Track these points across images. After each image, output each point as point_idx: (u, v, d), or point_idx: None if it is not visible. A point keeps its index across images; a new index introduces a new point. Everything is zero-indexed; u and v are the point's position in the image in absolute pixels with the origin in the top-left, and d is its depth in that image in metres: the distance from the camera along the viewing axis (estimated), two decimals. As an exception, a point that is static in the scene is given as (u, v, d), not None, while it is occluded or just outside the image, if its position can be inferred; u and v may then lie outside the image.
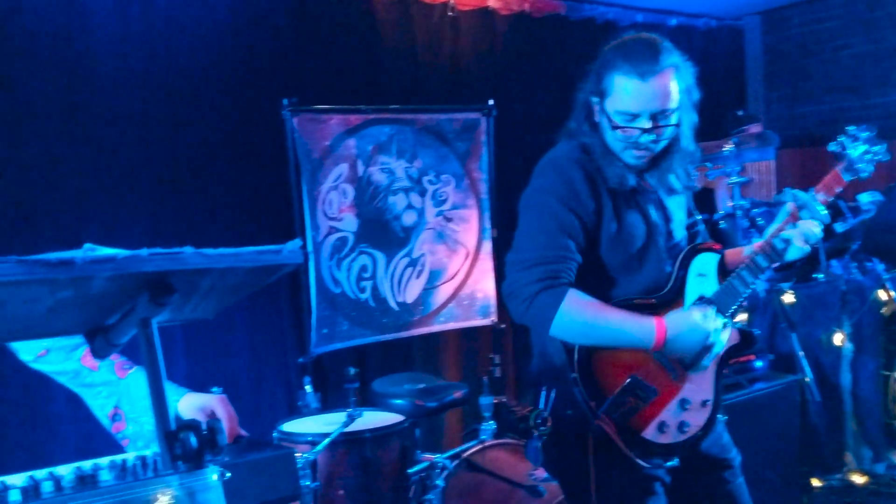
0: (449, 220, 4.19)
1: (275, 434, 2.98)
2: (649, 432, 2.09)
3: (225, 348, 3.96)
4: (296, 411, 3.55)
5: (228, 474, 1.26)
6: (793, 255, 2.14)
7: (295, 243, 1.26)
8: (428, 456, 2.74)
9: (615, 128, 2.08)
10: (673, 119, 2.10)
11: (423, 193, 4.11)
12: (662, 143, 2.13)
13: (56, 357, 1.76)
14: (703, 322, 2.06)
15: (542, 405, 2.11)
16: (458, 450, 3.00)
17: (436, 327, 4.21)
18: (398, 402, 3.48)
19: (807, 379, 3.94)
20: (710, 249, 2.23)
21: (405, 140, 4.06)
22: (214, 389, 2.87)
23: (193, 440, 1.23)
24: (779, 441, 3.75)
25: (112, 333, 1.33)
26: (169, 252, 1.15)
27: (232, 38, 3.95)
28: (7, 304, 1.15)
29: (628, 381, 2.08)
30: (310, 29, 4.18)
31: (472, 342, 4.65)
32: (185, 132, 3.81)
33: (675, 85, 2.08)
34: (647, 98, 2.05)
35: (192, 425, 1.24)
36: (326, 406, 3.58)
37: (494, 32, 4.90)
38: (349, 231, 3.93)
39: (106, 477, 1.33)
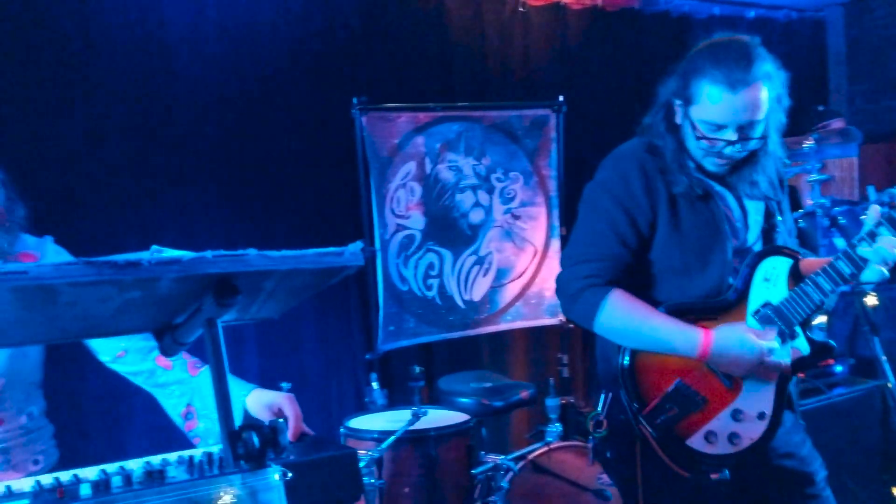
0: (517, 217, 4.16)
1: (341, 430, 3.01)
2: (695, 441, 2.02)
3: (295, 344, 4.02)
4: (363, 408, 3.58)
5: (290, 474, 1.27)
6: (869, 276, 1.99)
7: (356, 245, 1.26)
8: (492, 457, 2.72)
9: (700, 138, 2.02)
10: (759, 130, 2.02)
11: (490, 191, 4.09)
12: (746, 153, 2.06)
13: (133, 358, 1.82)
14: (755, 338, 1.97)
15: (599, 408, 2.09)
16: (523, 451, 2.97)
17: (502, 326, 4.19)
18: (464, 400, 3.48)
19: (889, 384, 3.76)
20: (780, 253, 2.11)
21: (474, 137, 4.04)
22: (283, 385, 2.94)
23: (256, 440, 1.24)
24: (859, 449, 3.60)
25: (179, 332, 1.36)
26: (233, 254, 1.17)
27: (305, 39, 4.00)
28: (78, 304, 1.18)
29: (673, 387, 2.01)
30: (381, 29, 4.20)
31: (541, 341, 4.60)
32: (257, 133, 3.88)
33: (765, 95, 1.98)
34: (735, 111, 1.97)
35: (254, 425, 1.25)
36: (393, 403, 3.60)
37: (566, 27, 4.84)
38: (416, 229, 3.94)
39: (173, 473, 1.36)
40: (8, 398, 1.76)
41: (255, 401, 1.75)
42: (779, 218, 2.22)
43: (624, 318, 2.00)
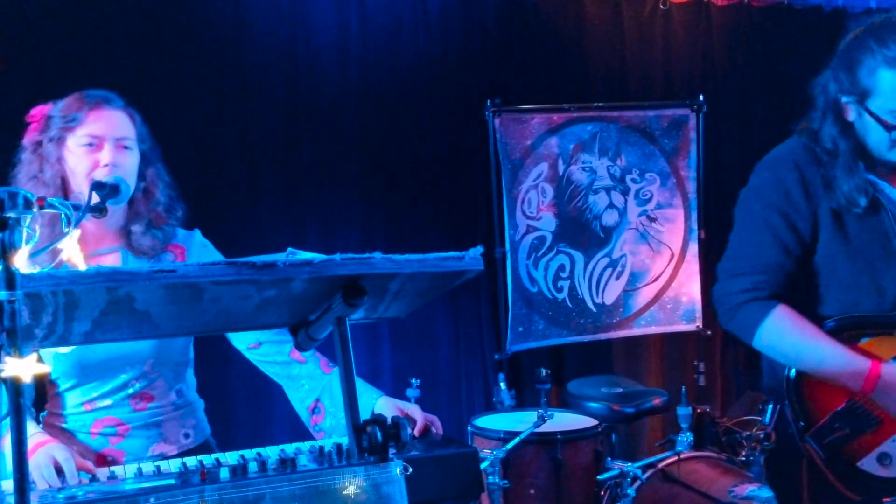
0: (653, 219, 4.07)
1: (469, 428, 3.06)
2: (866, 463, 1.90)
3: (428, 342, 4.11)
4: (491, 407, 3.62)
5: (410, 469, 1.32)
6: None
7: (476, 250, 1.30)
8: (619, 463, 2.69)
9: (892, 128, 1.89)
10: None
11: (625, 192, 4.02)
12: None
13: (268, 350, 1.93)
14: None
15: (767, 419, 2.01)
16: (651, 460, 2.91)
17: (636, 331, 4.11)
18: (594, 405, 3.44)
19: None
20: None
21: (608, 138, 3.99)
22: (413, 381, 3.02)
23: (379, 434, 1.29)
24: None
25: (312, 329, 1.44)
26: (360, 257, 1.23)
27: (443, 43, 4.09)
28: (221, 300, 1.28)
29: (844, 405, 1.89)
30: (518, 31, 4.23)
31: (676, 348, 4.48)
32: (394, 135, 4.00)
33: None
34: None
35: (378, 420, 1.31)
36: (521, 404, 3.62)
37: (710, 24, 4.68)
38: (547, 230, 3.93)
39: (304, 461, 1.44)
40: (158, 377, 1.89)
41: (384, 405, 1.82)
42: None
43: (787, 337, 1.91)
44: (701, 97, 4.11)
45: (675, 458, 2.77)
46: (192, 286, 1.16)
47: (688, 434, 2.64)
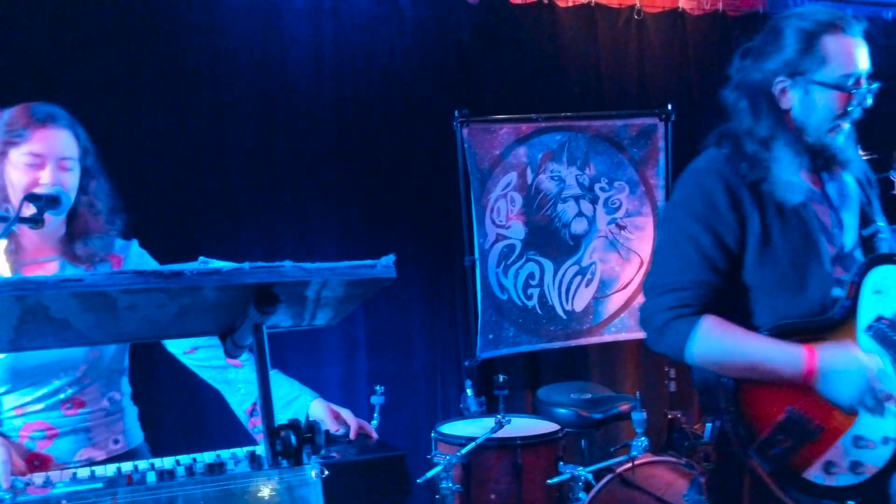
0: (622, 227, 4.11)
1: (432, 434, 3.09)
2: (813, 473, 1.84)
3: (404, 348, 4.14)
4: (459, 414, 3.65)
5: (326, 472, 1.35)
6: None
7: (389, 259, 1.32)
8: (570, 468, 2.71)
9: (845, 90, 1.88)
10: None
11: (594, 201, 4.06)
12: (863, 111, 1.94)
13: (204, 354, 1.96)
14: (867, 359, 1.81)
15: (707, 438, 1.95)
16: (603, 464, 2.94)
17: (606, 337, 4.15)
18: (562, 411, 3.48)
19: None
20: (890, 261, 1.93)
21: (577, 147, 4.03)
22: (378, 388, 3.05)
23: (293, 438, 1.32)
24: None
25: (237, 336, 1.47)
26: (269, 265, 1.26)
27: (417, 55, 4.13)
28: (138, 308, 1.31)
29: (784, 416, 1.84)
30: (492, 41, 4.27)
31: (651, 355, 4.48)
32: (367, 144, 4.03)
33: None
34: (861, 54, 1.88)
35: (293, 424, 1.34)
36: (492, 411, 3.64)
37: (684, 34, 4.72)
38: (517, 238, 3.97)
39: (234, 466, 1.48)
40: (90, 383, 1.92)
41: (318, 408, 1.85)
42: (880, 223, 2.05)
43: (718, 345, 1.85)
44: (669, 106, 4.15)
45: (630, 462, 2.80)
46: (101, 295, 1.20)
47: (642, 439, 2.66)
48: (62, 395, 1.89)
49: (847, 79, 1.88)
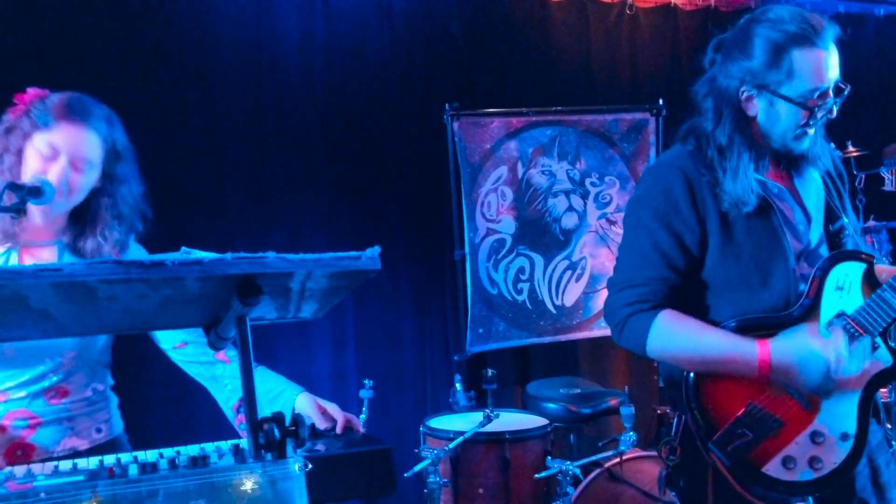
0: (612, 222, 4.10)
1: (421, 428, 3.08)
2: (771, 468, 1.86)
3: (394, 342, 4.13)
4: (448, 408, 3.64)
5: (310, 466, 1.34)
6: None
7: (374, 250, 1.31)
8: (558, 463, 2.71)
9: (811, 106, 1.86)
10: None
11: (585, 196, 4.06)
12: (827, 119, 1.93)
13: (194, 350, 1.94)
14: (822, 348, 1.81)
15: (673, 432, 1.96)
16: (590, 459, 2.94)
17: (596, 332, 4.14)
18: (551, 405, 3.47)
19: None
20: (852, 258, 1.91)
21: (568, 142, 4.02)
22: (367, 382, 3.04)
23: (276, 431, 1.31)
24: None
25: (220, 328, 1.45)
26: (252, 256, 1.24)
27: (407, 48, 4.11)
28: (119, 299, 1.29)
29: (744, 410, 1.85)
30: (483, 35, 4.25)
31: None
32: (360, 140, 4.02)
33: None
34: (828, 66, 1.86)
35: (276, 417, 1.32)
36: (481, 405, 3.63)
37: (676, 29, 4.71)
38: (507, 233, 3.96)
39: (217, 459, 1.46)
40: (75, 373, 1.91)
41: (303, 402, 1.83)
42: (845, 219, 2.04)
43: (674, 339, 1.86)
44: (661, 101, 4.14)
45: (618, 457, 2.80)
46: (80, 285, 1.18)
47: (630, 434, 2.66)
48: (46, 383, 1.87)
49: (813, 93, 1.87)
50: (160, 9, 3.69)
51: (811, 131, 1.93)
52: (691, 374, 1.89)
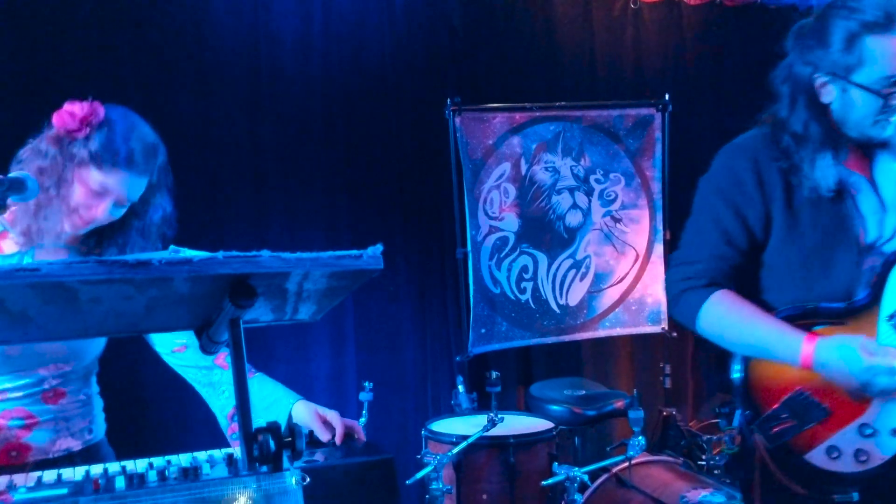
0: (617, 220, 4.02)
1: (423, 432, 2.99)
2: (815, 456, 1.82)
3: (394, 343, 4.05)
4: (450, 410, 3.56)
5: (308, 479, 1.25)
6: None
7: (376, 248, 1.23)
8: (565, 469, 2.63)
9: (885, 94, 1.82)
10: None
11: (589, 193, 3.97)
12: None
13: (193, 355, 1.87)
14: (868, 355, 1.75)
15: (735, 423, 1.96)
16: (599, 465, 2.85)
17: (601, 332, 4.06)
18: (555, 408, 3.40)
19: None
20: None
21: (572, 138, 3.93)
22: (367, 384, 2.96)
23: (272, 442, 1.23)
24: None
25: (212, 331, 1.37)
26: (245, 255, 1.16)
27: (408, 41, 4.03)
28: (103, 301, 1.21)
29: (791, 395, 1.83)
30: (485, 28, 4.18)
31: (645, 350, 4.43)
32: (359, 135, 3.94)
33: None
34: None
35: (271, 428, 1.24)
36: (484, 407, 3.55)
37: (681, 23, 4.64)
38: (510, 231, 3.87)
39: (210, 470, 1.38)
40: (74, 377, 1.89)
41: (301, 410, 1.75)
42: None
43: (724, 320, 1.87)
44: (667, 96, 4.06)
45: (626, 462, 2.71)
46: (59, 286, 1.09)
47: (640, 438, 2.58)
48: (46, 386, 1.85)
49: (887, 80, 1.83)
50: (153, 5, 3.61)
51: (894, 118, 1.86)
52: (739, 360, 1.88)
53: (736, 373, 1.89)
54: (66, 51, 3.39)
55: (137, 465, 1.57)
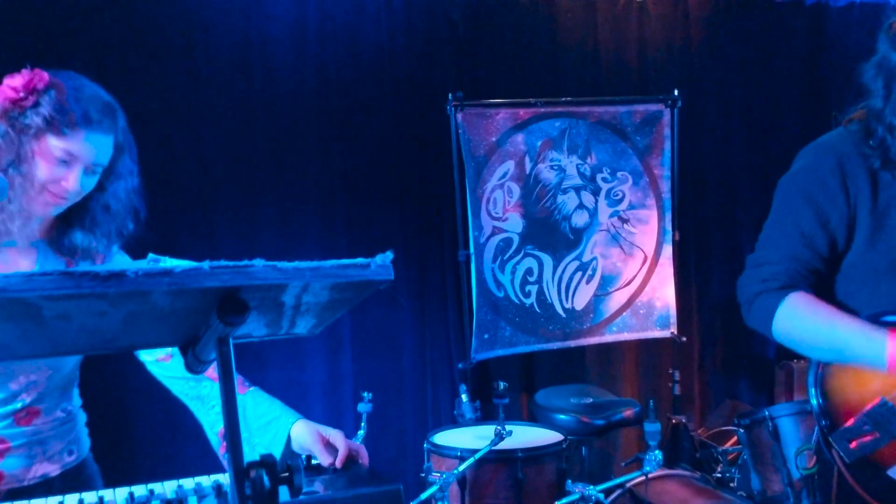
0: (625, 221, 3.87)
1: (425, 445, 2.84)
2: None
3: (393, 350, 3.93)
4: (453, 421, 3.41)
5: (307, 520, 1.10)
6: None
7: (385, 257, 1.07)
8: (580, 487, 2.48)
9: None
10: None
11: (596, 192, 3.82)
12: None
13: (179, 364, 1.71)
14: None
15: (812, 441, 1.87)
16: (615, 481, 2.71)
17: (608, 337, 3.91)
18: (562, 417, 3.27)
19: None
20: None
21: (578, 135, 3.79)
22: (365, 394, 2.81)
23: (266, 480, 1.07)
24: None
25: (198, 349, 1.22)
26: (234, 265, 1.00)
27: (407, 36, 3.91)
28: (72, 318, 1.05)
29: (874, 406, 1.71)
30: (487, 23, 4.05)
31: (652, 355, 4.29)
32: (356, 134, 3.82)
33: None
34: None
35: (266, 462, 1.09)
36: (488, 417, 3.41)
37: (686, 18, 4.51)
38: (514, 232, 3.73)
39: (193, 502, 1.23)
40: (48, 393, 1.74)
41: (301, 431, 1.59)
42: None
43: (801, 323, 1.76)
44: (676, 92, 3.92)
45: (642, 478, 2.57)
46: (19, 302, 0.94)
47: (656, 453, 2.44)
48: (18, 404, 1.69)
49: None
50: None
51: None
52: (818, 366, 1.78)
53: (812, 378, 1.77)
54: (53, 52, 3.24)
55: (117, 494, 1.43)
